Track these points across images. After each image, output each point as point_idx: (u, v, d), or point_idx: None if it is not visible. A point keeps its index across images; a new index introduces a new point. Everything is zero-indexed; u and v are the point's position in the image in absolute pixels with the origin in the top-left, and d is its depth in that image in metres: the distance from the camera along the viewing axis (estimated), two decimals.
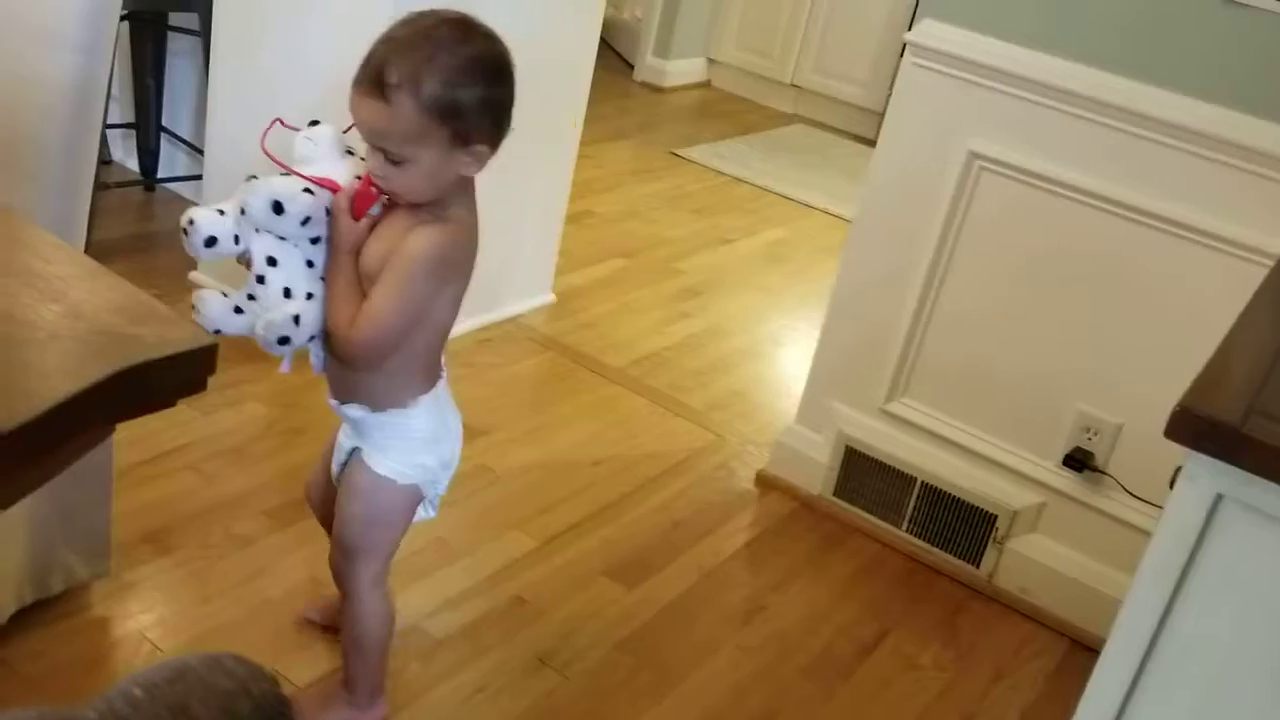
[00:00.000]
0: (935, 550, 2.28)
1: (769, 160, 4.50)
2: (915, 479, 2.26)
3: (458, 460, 1.55)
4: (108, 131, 3.26)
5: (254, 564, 1.91)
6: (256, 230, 1.34)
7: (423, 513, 1.55)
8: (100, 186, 2.37)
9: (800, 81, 5.15)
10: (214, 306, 1.36)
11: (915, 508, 2.28)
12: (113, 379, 0.84)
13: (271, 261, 1.35)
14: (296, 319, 1.34)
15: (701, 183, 4.19)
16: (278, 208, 1.32)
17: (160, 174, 3.13)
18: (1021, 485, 2.19)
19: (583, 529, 2.20)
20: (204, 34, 2.74)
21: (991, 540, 2.21)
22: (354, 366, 1.39)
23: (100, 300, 0.94)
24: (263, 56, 2.48)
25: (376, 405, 1.43)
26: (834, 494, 2.37)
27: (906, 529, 2.31)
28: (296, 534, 1.97)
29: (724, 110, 5.14)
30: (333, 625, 1.73)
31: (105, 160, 3.32)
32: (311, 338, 1.38)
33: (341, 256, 1.35)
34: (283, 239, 1.35)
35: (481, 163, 1.35)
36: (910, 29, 2.16)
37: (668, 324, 3.10)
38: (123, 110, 3.15)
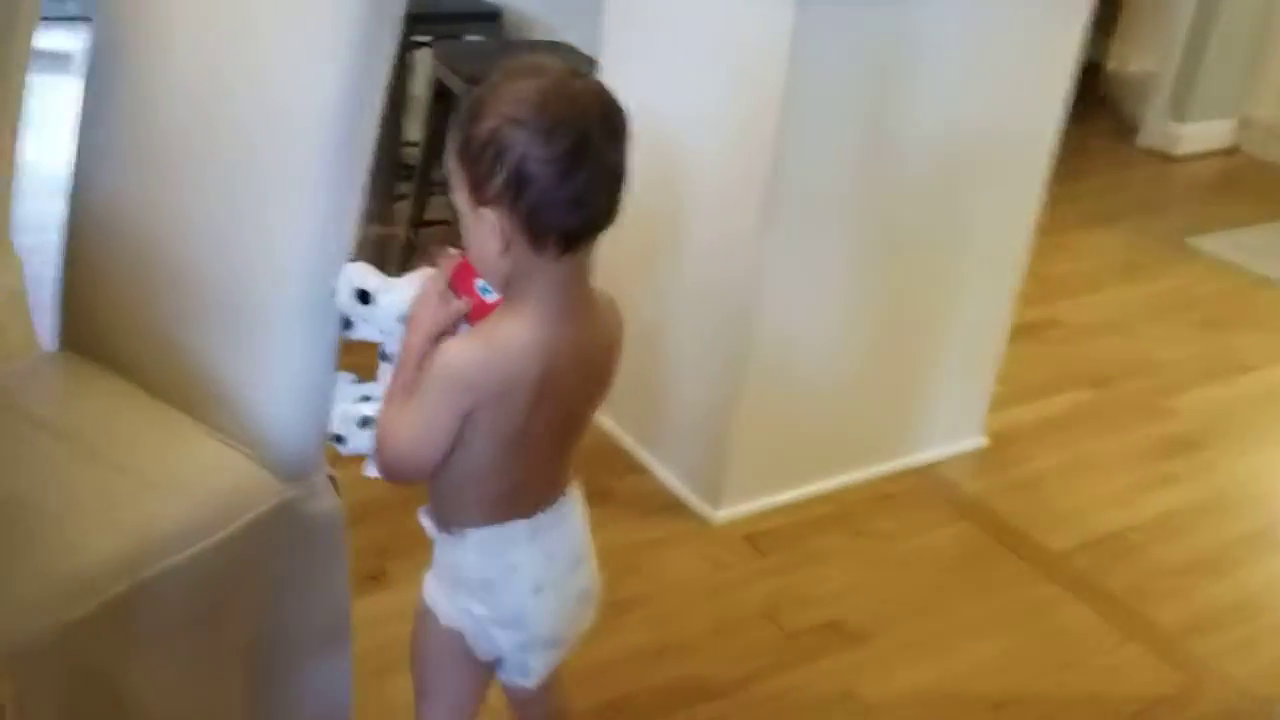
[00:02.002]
0: None
1: None
2: None
3: (545, 633, 1.22)
4: None
5: None
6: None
7: (516, 678, 1.25)
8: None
9: None
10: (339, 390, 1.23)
11: None
12: None
13: (384, 357, 1.19)
14: (365, 421, 1.17)
15: (1215, 284, 3.27)
16: (364, 297, 1.17)
17: None
18: None
19: None
20: None
21: None
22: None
23: None
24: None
25: (436, 518, 1.20)
26: None
27: None
28: None
29: (1255, 185, 4.09)
30: None
31: None
32: None
33: (413, 342, 1.10)
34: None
35: (498, 240, 1.03)
36: None
37: (1141, 491, 2.31)
38: None
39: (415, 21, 3.01)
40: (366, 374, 1.25)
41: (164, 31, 1.28)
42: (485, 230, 1.02)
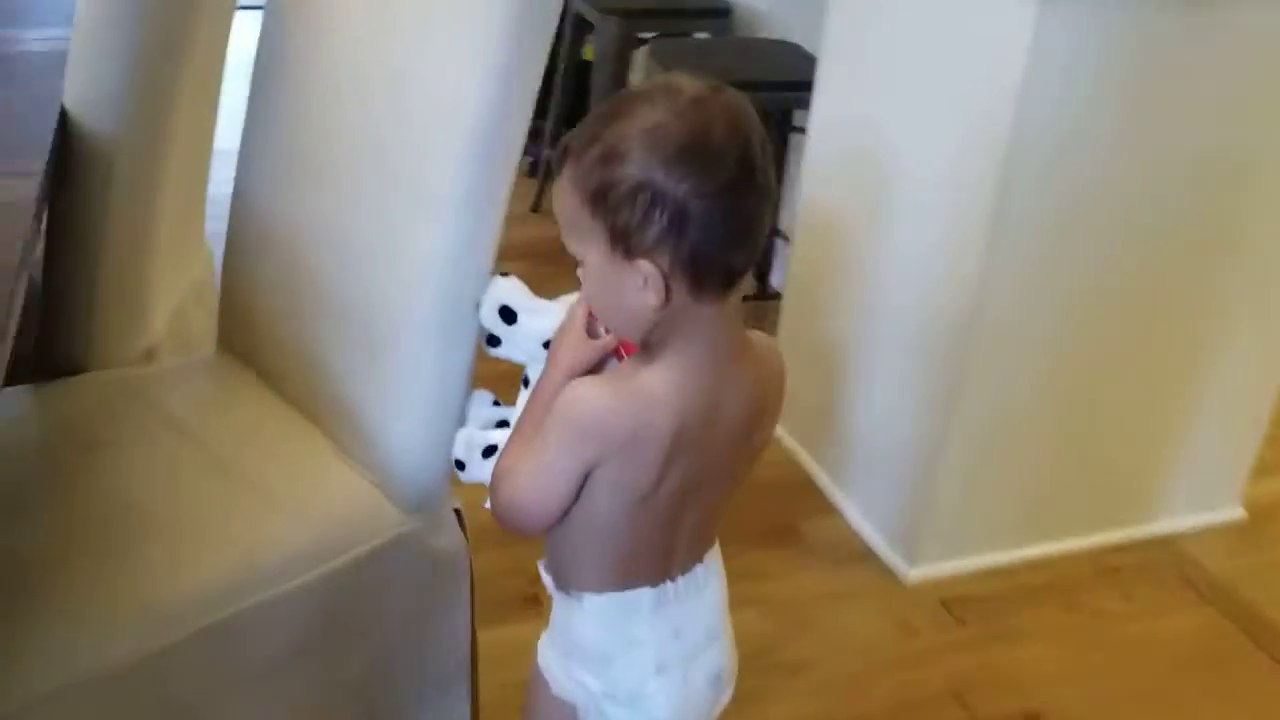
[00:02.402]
0: None
1: None
2: None
3: (666, 718, 1.05)
4: None
5: None
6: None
7: None
8: None
9: None
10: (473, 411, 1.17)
11: None
12: None
13: (525, 382, 1.09)
14: (491, 450, 1.09)
15: None
16: (508, 315, 1.09)
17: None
18: None
19: None
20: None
21: None
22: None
23: None
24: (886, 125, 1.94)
25: (554, 574, 1.07)
26: None
27: None
28: None
29: None
30: None
31: None
32: None
33: (550, 377, 1.00)
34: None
35: (657, 294, 0.88)
36: None
37: None
38: None
39: (643, 16, 2.93)
40: (508, 397, 1.15)
41: (324, 27, 1.21)
42: (636, 284, 0.88)
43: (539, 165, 3.16)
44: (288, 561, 1.11)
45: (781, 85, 2.33)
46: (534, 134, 3.34)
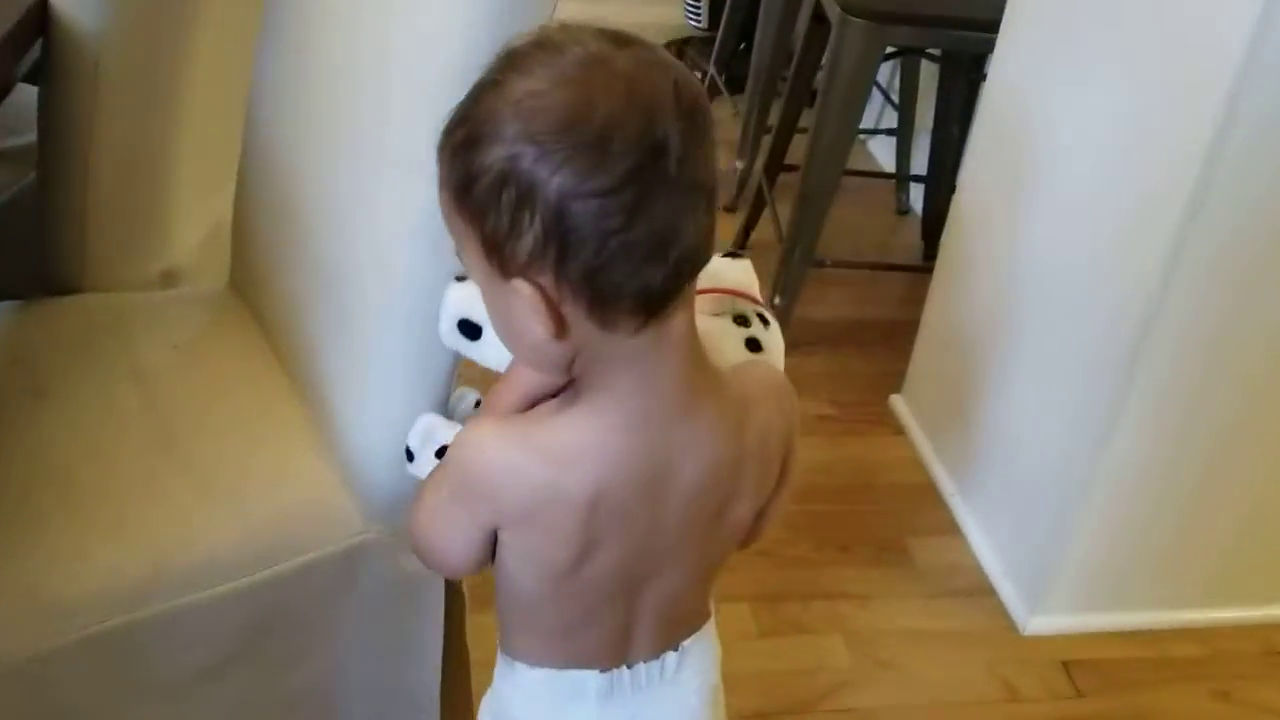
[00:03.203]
0: None
1: None
2: None
3: None
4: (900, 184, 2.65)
5: None
6: None
7: None
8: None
9: None
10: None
11: None
12: None
13: None
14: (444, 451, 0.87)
15: None
16: (469, 329, 0.85)
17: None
18: None
19: None
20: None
21: None
22: None
23: None
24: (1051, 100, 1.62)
25: (499, 625, 0.85)
26: None
27: None
28: None
29: None
30: None
31: (902, 210, 2.71)
32: None
33: (499, 396, 0.77)
34: None
35: (543, 322, 0.64)
36: None
37: None
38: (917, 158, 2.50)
39: None
40: None
41: None
42: (521, 309, 0.64)
43: (704, 82, 2.88)
44: (215, 564, 0.94)
45: (974, 24, 1.93)
46: (704, 50, 3.09)
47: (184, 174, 1.28)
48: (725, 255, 0.86)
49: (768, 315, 0.85)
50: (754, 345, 0.83)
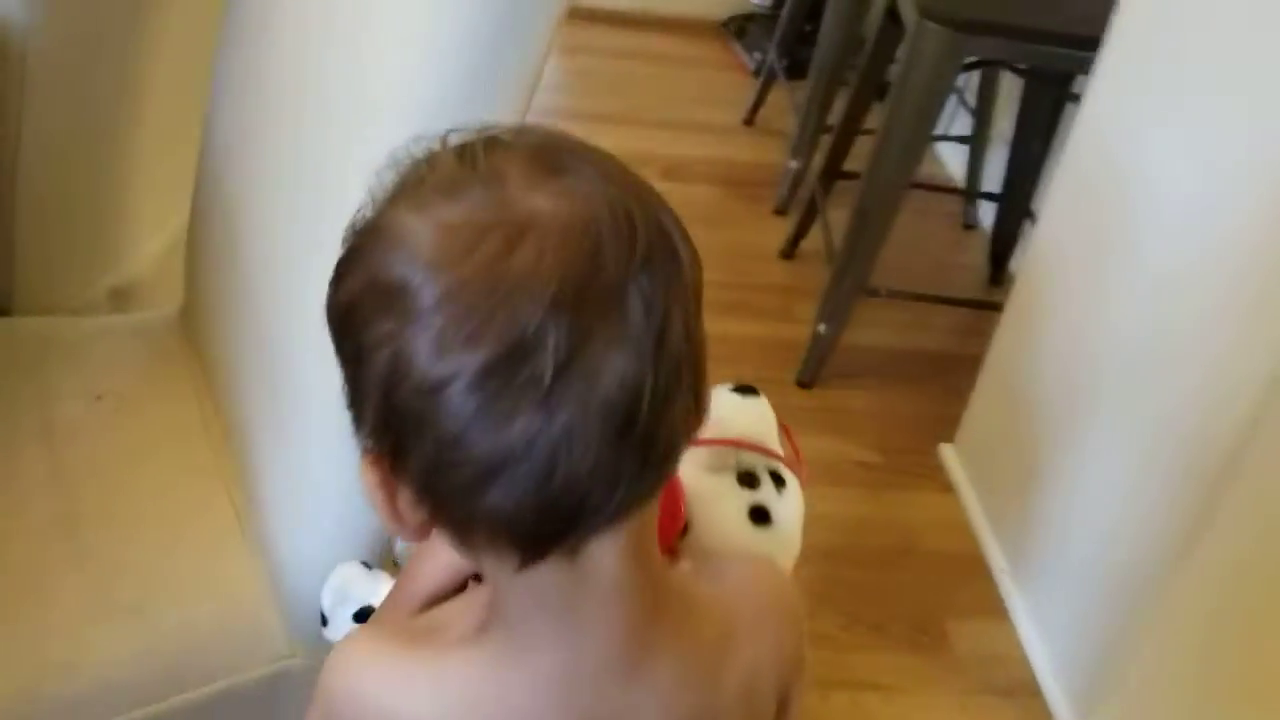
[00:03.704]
0: None
1: None
2: None
3: None
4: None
5: None
6: None
7: None
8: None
9: None
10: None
11: None
12: None
13: None
14: (364, 614, 0.73)
15: None
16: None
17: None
18: None
19: None
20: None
21: None
22: None
23: None
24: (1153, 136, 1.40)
25: None
26: None
27: None
28: None
29: None
30: None
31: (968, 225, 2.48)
32: None
33: (411, 579, 0.61)
34: None
35: (389, 515, 0.47)
36: None
37: None
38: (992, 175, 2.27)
39: None
40: None
41: None
42: (369, 482, 0.47)
43: (764, 66, 2.65)
44: (106, 690, 0.78)
45: (1064, 39, 1.70)
46: (767, 29, 2.86)
47: (143, 179, 1.12)
48: (735, 390, 0.66)
49: (783, 473, 0.66)
50: (760, 515, 0.63)
